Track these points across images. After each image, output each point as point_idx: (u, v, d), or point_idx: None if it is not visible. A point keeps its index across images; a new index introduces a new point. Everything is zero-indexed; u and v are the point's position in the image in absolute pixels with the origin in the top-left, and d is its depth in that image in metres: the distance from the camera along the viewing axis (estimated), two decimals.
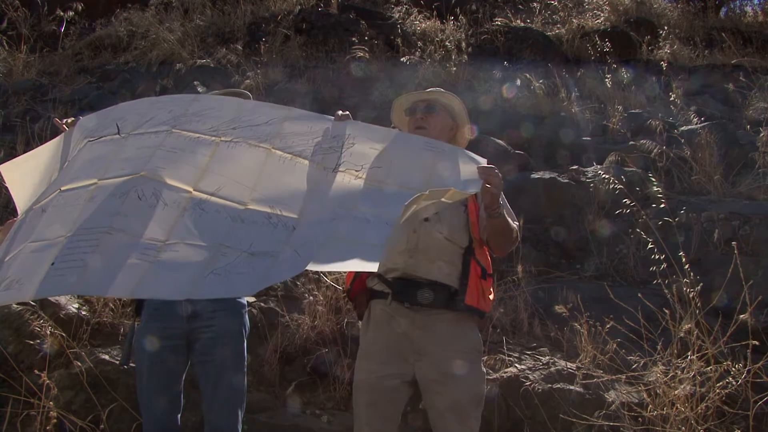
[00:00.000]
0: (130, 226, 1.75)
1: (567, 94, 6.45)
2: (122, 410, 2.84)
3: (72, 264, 1.68)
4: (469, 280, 2.11)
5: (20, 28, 7.69)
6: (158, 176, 1.87)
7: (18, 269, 1.74)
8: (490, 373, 3.05)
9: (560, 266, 4.27)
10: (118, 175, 1.90)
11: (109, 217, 1.77)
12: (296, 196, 1.85)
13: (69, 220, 1.81)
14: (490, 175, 1.89)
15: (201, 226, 1.78)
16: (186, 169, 1.91)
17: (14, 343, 3.05)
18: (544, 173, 4.91)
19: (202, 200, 1.84)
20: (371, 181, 1.86)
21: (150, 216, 1.78)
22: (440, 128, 2.24)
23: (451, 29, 7.86)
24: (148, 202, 1.81)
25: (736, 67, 7.30)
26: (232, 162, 1.94)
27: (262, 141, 1.99)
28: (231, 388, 2.26)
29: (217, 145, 1.97)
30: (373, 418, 2.13)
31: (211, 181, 1.88)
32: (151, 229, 1.75)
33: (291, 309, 3.48)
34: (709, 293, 2.91)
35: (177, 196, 1.84)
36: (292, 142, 1.98)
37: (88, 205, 1.84)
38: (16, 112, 6.02)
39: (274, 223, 1.79)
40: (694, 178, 4.82)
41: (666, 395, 2.65)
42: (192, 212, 1.81)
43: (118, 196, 1.82)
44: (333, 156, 1.93)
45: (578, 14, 8.93)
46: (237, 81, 6.56)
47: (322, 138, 1.99)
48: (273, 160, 1.94)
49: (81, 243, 1.72)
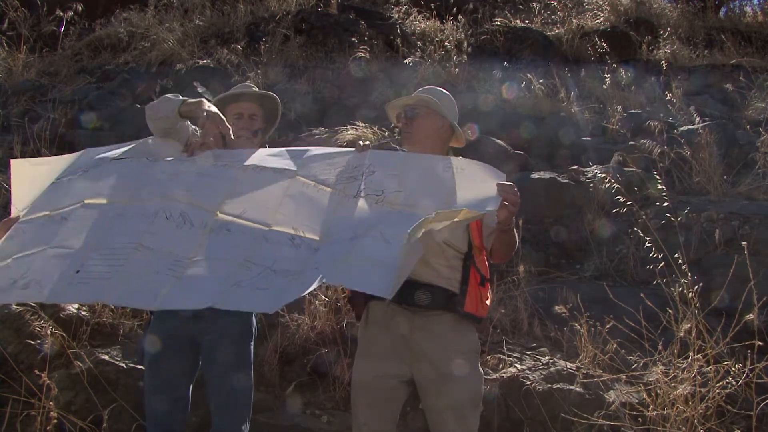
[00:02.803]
0: (158, 244, 1.83)
1: (567, 95, 6.45)
2: (122, 410, 2.83)
3: (99, 275, 1.75)
4: (469, 287, 2.12)
5: (20, 28, 7.68)
6: (185, 199, 1.96)
7: (37, 271, 1.80)
8: (490, 373, 3.05)
9: (560, 266, 4.27)
10: (147, 197, 1.99)
11: (137, 234, 1.86)
12: (318, 220, 1.91)
13: (95, 233, 1.89)
14: (509, 193, 1.90)
15: (227, 244, 1.86)
16: (212, 193, 1.99)
17: (14, 343, 3.05)
18: (544, 173, 4.91)
19: (227, 222, 1.92)
20: (391, 204, 1.90)
21: (177, 235, 1.86)
22: (427, 130, 2.22)
23: (450, 29, 7.86)
24: (176, 222, 1.90)
25: (736, 68, 7.31)
26: (257, 186, 2.01)
27: (286, 168, 2.07)
28: (234, 389, 2.25)
29: (244, 171, 2.06)
30: (371, 418, 2.14)
31: (236, 205, 1.96)
32: (179, 247, 1.83)
33: (291, 309, 3.48)
34: (709, 293, 2.91)
35: (203, 218, 1.92)
36: (315, 171, 2.06)
37: (115, 222, 1.93)
38: (15, 112, 6.01)
39: (297, 245, 1.85)
40: (694, 179, 4.82)
41: (666, 395, 2.65)
42: (218, 232, 1.89)
43: (147, 216, 1.92)
44: (354, 184, 1.99)
45: (578, 14, 8.94)
46: (237, 81, 6.55)
47: (344, 168, 2.05)
48: (296, 185, 2.02)
49: (109, 256, 1.80)
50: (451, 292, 2.12)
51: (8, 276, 1.82)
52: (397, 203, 1.90)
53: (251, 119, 2.40)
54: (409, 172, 1.99)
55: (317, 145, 5.32)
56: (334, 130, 5.48)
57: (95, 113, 6.11)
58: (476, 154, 3.45)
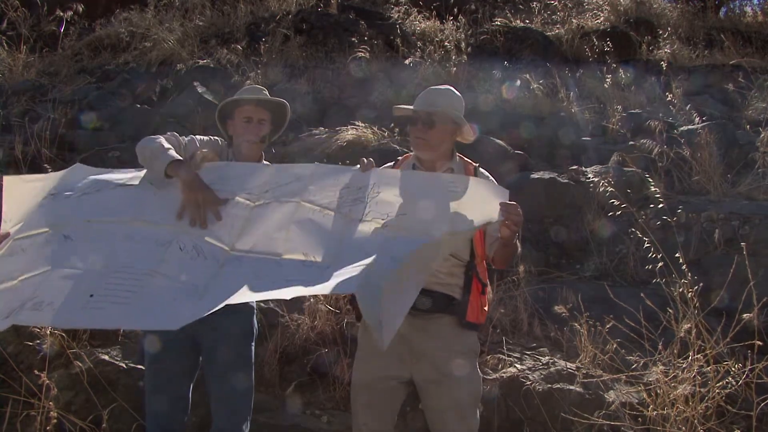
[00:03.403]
0: (173, 272, 1.87)
1: (567, 94, 6.45)
2: (122, 410, 2.83)
3: (115, 300, 1.76)
4: (471, 297, 2.13)
5: (20, 28, 7.68)
6: (198, 234, 2.00)
7: (47, 292, 1.79)
8: (490, 373, 3.05)
9: (560, 266, 4.27)
10: (156, 222, 2.03)
11: (152, 261, 1.89)
12: (327, 245, 1.94)
13: (103, 254, 1.91)
14: (512, 214, 1.91)
15: (240, 275, 1.88)
16: (223, 230, 2.03)
17: (14, 343, 3.05)
18: (543, 173, 4.91)
19: (239, 257, 1.96)
20: (397, 229, 1.92)
21: (192, 266, 1.90)
22: (441, 137, 2.20)
23: (450, 29, 7.86)
24: (189, 254, 1.94)
25: (736, 68, 7.31)
26: (265, 220, 2.05)
27: (291, 197, 2.09)
28: (234, 389, 2.25)
29: (252, 210, 2.08)
30: (370, 419, 2.16)
31: (246, 241, 2.00)
32: (193, 276, 1.86)
33: (291, 309, 3.48)
34: (709, 293, 2.91)
35: (216, 252, 1.96)
36: (320, 196, 2.08)
37: (125, 244, 1.95)
38: (15, 112, 6.01)
39: (308, 265, 1.89)
40: (694, 179, 4.82)
41: (666, 395, 2.65)
42: (231, 264, 1.93)
43: (161, 243, 1.95)
44: (359, 207, 2.01)
45: (578, 14, 8.94)
46: (237, 81, 6.56)
47: (348, 189, 2.07)
48: (303, 211, 2.05)
49: (123, 281, 1.81)
50: (452, 297, 2.14)
51: (18, 297, 1.81)
52: (402, 228, 1.92)
53: (260, 124, 2.38)
54: (414, 192, 2.01)
55: (317, 144, 5.34)
56: (334, 130, 5.48)
57: (95, 113, 6.11)
58: (476, 154, 3.45)
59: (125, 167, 2.40)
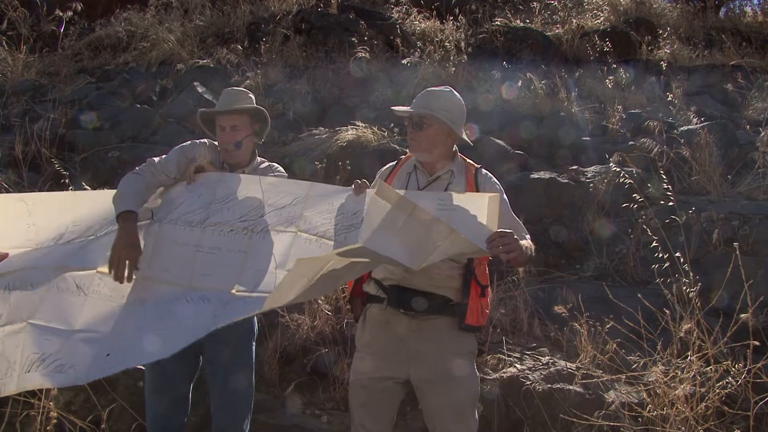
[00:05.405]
0: (181, 318, 1.98)
1: (567, 94, 6.45)
2: (122, 410, 2.84)
3: (131, 350, 1.90)
4: (470, 300, 2.13)
5: (20, 28, 7.68)
6: (205, 286, 2.06)
7: (69, 355, 1.97)
8: (490, 373, 3.05)
9: (560, 266, 4.27)
10: (162, 278, 2.12)
11: (163, 317, 1.99)
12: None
13: (112, 316, 2.06)
14: (505, 245, 1.87)
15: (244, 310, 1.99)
16: (227, 272, 2.08)
17: None
18: (543, 173, 4.91)
19: (243, 297, 2.01)
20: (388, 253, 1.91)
21: (196, 310, 1.99)
22: (434, 139, 2.19)
23: (450, 29, 7.86)
24: (195, 303, 2.03)
25: (736, 68, 7.31)
26: (264, 254, 2.09)
27: (288, 225, 2.13)
28: (234, 390, 2.26)
29: (250, 239, 2.12)
30: (367, 418, 2.16)
31: (250, 279, 2.04)
32: (203, 318, 1.95)
33: (291, 309, 3.48)
34: (708, 293, 2.91)
35: (221, 297, 2.02)
36: (316, 223, 2.11)
37: (135, 307, 2.06)
38: (15, 112, 6.01)
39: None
40: (693, 178, 4.82)
41: (666, 395, 2.65)
42: (235, 304, 2.00)
43: (169, 300, 2.05)
44: (354, 233, 2.02)
45: (578, 14, 8.94)
46: (237, 81, 6.56)
47: (343, 216, 2.09)
48: (299, 242, 2.09)
49: (137, 338, 1.94)
50: (449, 298, 2.15)
51: (31, 345, 2.02)
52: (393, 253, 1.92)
53: (233, 131, 2.38)
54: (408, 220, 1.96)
55: (317, 144, 5.34)
56: (334, 130, 5.48)
57: (95, 113, 6.10)
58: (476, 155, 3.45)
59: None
